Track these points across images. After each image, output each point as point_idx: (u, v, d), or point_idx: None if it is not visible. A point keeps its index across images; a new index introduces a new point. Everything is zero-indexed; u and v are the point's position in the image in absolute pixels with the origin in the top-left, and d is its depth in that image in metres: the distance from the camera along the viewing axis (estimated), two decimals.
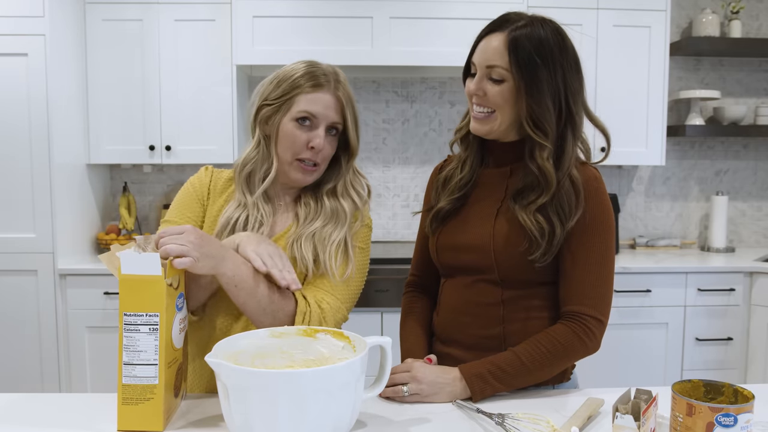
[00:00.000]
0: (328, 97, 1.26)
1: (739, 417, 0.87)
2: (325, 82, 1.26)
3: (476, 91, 1.22)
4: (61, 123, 2.77)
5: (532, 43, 1.17)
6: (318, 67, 1.28)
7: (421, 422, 1.09)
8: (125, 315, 1.02)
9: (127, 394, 1.03)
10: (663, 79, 3.07)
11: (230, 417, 0.93)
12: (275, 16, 2.87)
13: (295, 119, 1.25)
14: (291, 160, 1.27)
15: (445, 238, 1.33)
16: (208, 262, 1.09)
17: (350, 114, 1.29)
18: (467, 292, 1.30)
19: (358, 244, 1.31)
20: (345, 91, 1.29)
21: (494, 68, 1.20)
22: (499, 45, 1.19)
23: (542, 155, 1.20)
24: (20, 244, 2.72)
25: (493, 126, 1.24)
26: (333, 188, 1.33)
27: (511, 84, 1.19)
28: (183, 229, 1.09)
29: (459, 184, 1.32)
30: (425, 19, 2.88)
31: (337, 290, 1.26)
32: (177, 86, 2.97)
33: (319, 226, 1.28)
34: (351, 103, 1.30)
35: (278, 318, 1.17)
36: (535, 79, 1.17)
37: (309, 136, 1.26)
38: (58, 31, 2.72)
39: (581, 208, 1.20)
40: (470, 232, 1.29)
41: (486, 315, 1.27)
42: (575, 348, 1.21)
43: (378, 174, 3.38)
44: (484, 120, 1.24)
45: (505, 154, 1.30)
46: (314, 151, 1.26)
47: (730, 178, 3.53)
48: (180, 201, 1.33)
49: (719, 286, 2.91)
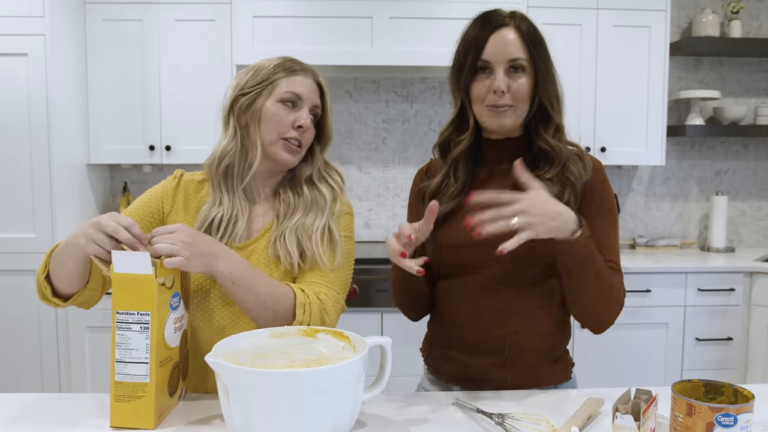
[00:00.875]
0: (309, 81, 1.30)
1: (739, 417, 0.87)
2: (303, 69, 1.30)
3: (504, 87, 1.22)
4: (61, 123, 2.77)
5: (536, 32, 1.26)
6: (294, 58, 1.33)
7: (421, 422, 1.09)
8: (117, 313, 1.03)
9: (119, 391, 1.04)
10: (663, 79, 3.07)
11: (230, 417, 0.93)
12: (275, 16, 2.87)
13: (281, 100, 1.26)
14: (276, 140, 1.26)
15: (448, 237, 1.30)
16: (200, 260, 1.09)
17: (328, 101, 1.33)
18: (471, 295, 1.28)
19: (342, 232, 1.31)
20: (322, 80, 1.33)
21: (516, 61, 1.23)
22: (515, 38, 1.23)
23: (549, 132, 1.27)
24: (20, 244, 2.72)
25: (515, 119, 1.26)
26: (309, 176, 1.33)
27: (530, 74, 1.24)
28: (174, 228, 1.09)
29: (454, 193, 1.30)
30: (425, 19, 2.88)
31: (331, 281, 1.25)
32: (177, 86, 2.97)
33: (301, 216, 1.27)
34: (327, 91, 1.33)
35: (279, 313, 1.16)
36: (548, 64, 1.27)
37: (295, 116, 1.27)
38: (58, 31, 2.72)
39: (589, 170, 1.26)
40: None
41: (490, 317, 1.26)
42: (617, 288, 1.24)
43: (378, 174, 3.38)
44: (505, 113, 1.25)
45: (503, 151, 1.30)
46: (301, 131, 1.27)
47: (730, 178, 3.53)
48: (142, 198, 1.33)
49: (719, 286, 2.91)
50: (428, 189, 1.34)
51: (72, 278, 1.15)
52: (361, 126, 3.36)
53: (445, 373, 1.35)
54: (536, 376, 1.28)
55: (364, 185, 3.40)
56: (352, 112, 3.35)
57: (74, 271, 1.14)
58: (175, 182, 1.34)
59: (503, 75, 1.22)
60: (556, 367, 1.31)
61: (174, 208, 1.31)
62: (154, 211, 1.31)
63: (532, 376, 1.28)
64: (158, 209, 1.31)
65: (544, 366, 1.29)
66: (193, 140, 2.98)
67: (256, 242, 1.28)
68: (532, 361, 1.28)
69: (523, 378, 1.27)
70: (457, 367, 1.31)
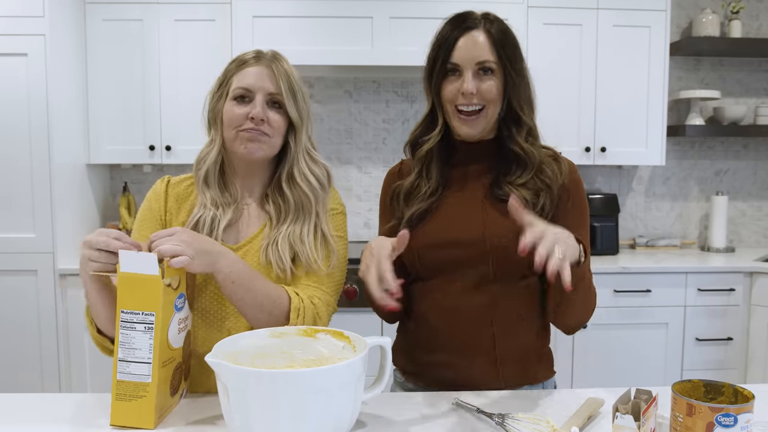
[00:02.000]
0: (258, 69, 1.25)
1: (739, 417, 0.87)
2: (255, 60, 1.27)
3: (472, 89, 1.22)
4: (61, 123, 2.77)
5: (507, 34, 1.25)
6: (255, 50, 1.29)
7: (421, 422, 1.09)
8: (122, 312, 1.03)
9: (120, 390, 1.04)
10: (663, 79, 3.07)
11: (230, 417, 0.93)
12: (275, 16, 2.87)
13: (233, 98, 1.25)
14: (234, 136, 1.24)
15: (426, 238, 1.27)
16: (204, 259, 1.09)
17: (285, 84, 1.25)
18: (453, 294, 1.26)
19: (334, 232, 1.30)
20: (280, 65, 1.27)
21: (485, 63, 1.22)
22: (484, 40, 1.23)
23: (522, 135, 1.26)
24: (20, 244, 2.72)
25: (486, 124, 1.26)
26: (290, 174, 1.29)
27: (499, 77, 1.24)
28: (173, 230, 1.09)
29: (428, 192, 1.30)
30: (425, 19, 2.87)
31: (324, 284, 1.26)
32: (177, 86, 2.97)
33: (291, 224, 1.26)
34: (287, 75, 1.26)
35: (274, 315, 1.17)
36: (518, 66, 1.25)
37: (247, 109, 1.24)
38: (58, 31, 2.72)
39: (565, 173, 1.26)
40: (457, 226, 1.26)
41: (476, 316, 1.25)
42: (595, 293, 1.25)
43: (378, 174, 3.38)
44: (475, 121, 1.24)
45: (476, 153, 1.30)
46: (255, 121, 1.23)
47: (730, 178, 3.53)
48: (139, 221, 1.32)
49: (719, 286, 2.91)
50: (402, 189, 1.33)
51: (109, 315, 1.14)
52: (361, 126, 3.36)
53: (434, 379, 1.30)
54: (526, 373, 1.29)
55: (364, 185, 3.40)
56: (352, 112, 3.35)
57: (106, 306, 1.13)
58: (164, 186, 1.34)
59: (471, 77, 1.23)
60: (542, 362, 1.32)
61: (169, 211, 1.32)
62: (156, 222, 1.31)
63: (522, 372, 1.28)
64: (159, 217, 1.31)
65: (532, 362, 1.30)
66: (193, 140, 2.97)
67: (247, 245, 1.28)
68: (522, 358, 1.28)
69: (514, 375, 1.27)
70: (447, 370, 1.28)
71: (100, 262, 1.06)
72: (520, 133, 1.27)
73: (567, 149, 3.05)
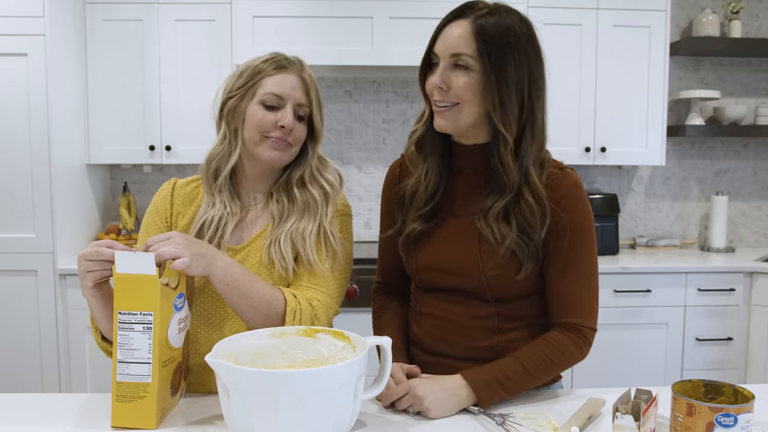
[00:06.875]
0: (293, 78, 1.25)
1: (739, 417, 0.87)
2: (289, 64, 1.26)
3: (440, 84, 1.12)
4: (61, 123, 2.77)
5: (500, 29, 1.10)
6: (281, 54, 1.28)
7: (421, 422, 1.09)
8: (120, 313, 1.03)
9: (120, 391, 1.03)
10: (663, 79, 3.07)
11: (230, 417, 0.93)
12: (275, 16, 2.87)
13: (262, 102, 1.24)
14: (259, 140, 1.24)
15: (425, 259, 1.24)
16: (201, 262, 1.09)
17: (315, 96, 1.27)
18: (456, 306, 1.24)
19: (339, 233, 1.29)
20: (309, 74, 1.28)
21: (460, 56, 1.11)
22: (464, 32, 1.11)
23: (505, 149, 1.13)
24: (20, 244, 2.72)
25: (458, 120, 1.15)
26: (301, 177, 1.30)
27: (477, 73, 1.11)
28: (169, 234, 1.09)
29: (425, 196, 1.23)
30: (425, 19, 2.85)
31: (326, 285, 1.24)
32: (177, 86, 2.97)
33: (295, 222, 1.26)
34: (315, 86, 1.28)
35: (270, 317, 1.17)
36: (502, 67, 1.10)
37: (277, 116, 1.23)
38: (58, 31, 2.72)
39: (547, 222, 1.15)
40: (454, 253, 1.22)
41: (480, 327, 1.23)
42: (574, 356, 1.21)
43: (378, 174, 3.38)
44: (448, 113, 1.14)
45: (473, 158, 1.21)
46: (284, 131, 1.23)
47: (730, 178, 3.53)
48: (145, 225, 1.32)
49: (719, 286, 2.91)
50: (405, 195, 1.28)
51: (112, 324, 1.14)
52: (361, 126, 3.36)
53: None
54: None
55: (365, 185, 3.40)
56: (352, 112, 3.35)
57: (107, 315, 1.13)
58: (170, 188, 1.34)
59: (442, 70, 1.13)
60: None
61: (174, 212, 1.31)
62: (162, 223, 1.31)
63: None
64: (165, 219, 1.31)
65: None
66: (193, 140, 2.98)
67: (250, 245, 1.28)
68: None
69: None
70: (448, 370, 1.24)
71: (96, 270, 1.06)
72: (504, 144, 1.13)
73: (567, 149, 3.05)
